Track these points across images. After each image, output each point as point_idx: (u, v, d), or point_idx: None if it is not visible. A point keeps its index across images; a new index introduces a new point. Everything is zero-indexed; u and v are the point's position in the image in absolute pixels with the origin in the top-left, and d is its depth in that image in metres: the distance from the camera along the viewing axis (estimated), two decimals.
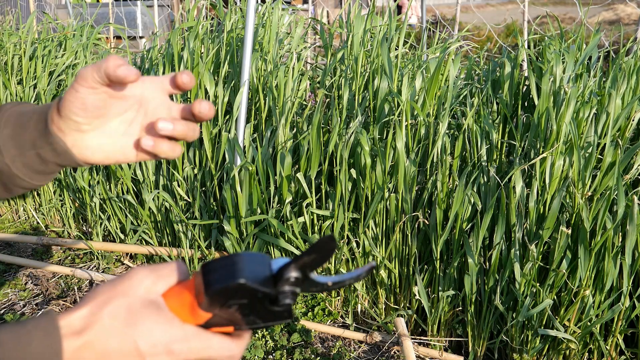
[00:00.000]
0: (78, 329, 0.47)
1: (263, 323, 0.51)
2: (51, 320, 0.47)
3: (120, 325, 0.48)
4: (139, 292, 0.50)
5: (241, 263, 0.50)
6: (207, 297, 0.49)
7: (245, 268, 0.50)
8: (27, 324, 0.46)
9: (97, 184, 2.34)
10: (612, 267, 1.53)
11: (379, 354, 1.85)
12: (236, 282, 0.48)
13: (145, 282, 0.51)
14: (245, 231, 1.96)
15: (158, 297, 0.51)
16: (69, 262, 2.45)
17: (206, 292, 0.49)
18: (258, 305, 0.50)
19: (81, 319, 0.48)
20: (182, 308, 0.51)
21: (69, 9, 4.00)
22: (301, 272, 0.50)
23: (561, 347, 1.66)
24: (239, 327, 0.52)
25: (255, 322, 0.51)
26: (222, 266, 0.50)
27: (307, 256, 0.49)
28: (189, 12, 2.31)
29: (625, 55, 1.88)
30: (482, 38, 3.80)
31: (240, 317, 0.51)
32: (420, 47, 2.54)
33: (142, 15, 5.79)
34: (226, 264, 0.50)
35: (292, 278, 0.50)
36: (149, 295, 0.51)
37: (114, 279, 0.52)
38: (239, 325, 0.52)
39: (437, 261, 1.74)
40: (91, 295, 0.50)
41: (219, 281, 0.49)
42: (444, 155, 1.73)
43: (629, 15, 11.68)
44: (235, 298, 0.49)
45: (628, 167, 1.65)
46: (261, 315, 0.51)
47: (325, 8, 4.15)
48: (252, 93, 2.14)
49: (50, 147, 0.58)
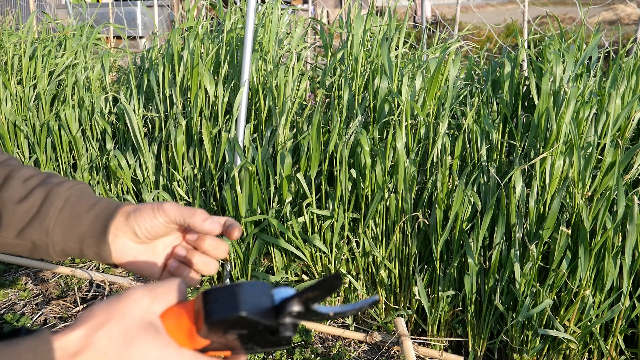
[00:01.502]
0: (73, 351, 0.46)
1: (261, 349, 0.51)
2: (45, 342, 0.45)
3: (116, 348, 0.47)
4: (136, 312, 0.49)
5: (243, 294, 0.50)
6: (206, 326, 0.49)
7: (247, 300, 0.49)
8: (20, 346, 0.44)
9: (97, 184, 2.34)
10: (612, 267, 1.53)
11: (379, 354, 1.85)
12: (237, 314, 0.48)
13: (142, 303, 0.50)
14: (245, 231, 1.96)
15: (156, 319, 0.50)
16: (69, 262, 2.45)
17: (206, 321, 0.49)
18: (257, 335, 0.50)
19: (76, 340, 0.47)
20: (180, 332, 0.51)
21: (69, 9, 4.00)
22: (304, 306, 0.50)
23: (561, 347, 1.66)
24: (237, 352, 0.52)
25: (253, 348, 0.51)
26: (223, 296, 0.50)
27: (312, 292, 0.49)
28: (189, 12, 2.31)
29: (625, 56, 1.88)
30: (482, 38, 3.80)
31: (239, 345, 0.51)
32: (420, 47, 2.54)
33: (142, 15, 5.79)
34: (228, 294, 0.50)
35: (295, 312, 0.50)
36: (146, 316, 0.50)
37: (111, 299, 0.51)
38: (237, 350, 0.52)
39: (437, 261, 1.74)
40: (87, 315, 0.49)
41: (220, 312, 0.49)
42: (444, 155, 1.73)
43: (629, 15, 11.68)
44: (235, 328, 0.49)
45: (628, 167, 1.65)
46: (260, 343, 0.51)
47: (325, 8, 4.15)
48: (252, 93, 2.14)
49: (96, 249, 0.60)
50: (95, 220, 0.60)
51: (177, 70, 2.15)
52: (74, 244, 0.60)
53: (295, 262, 1.99)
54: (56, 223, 0.60)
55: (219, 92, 2.09)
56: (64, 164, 2.51)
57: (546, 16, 2.44)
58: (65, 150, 2.48)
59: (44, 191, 0.61)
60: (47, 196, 0.61)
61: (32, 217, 0.60)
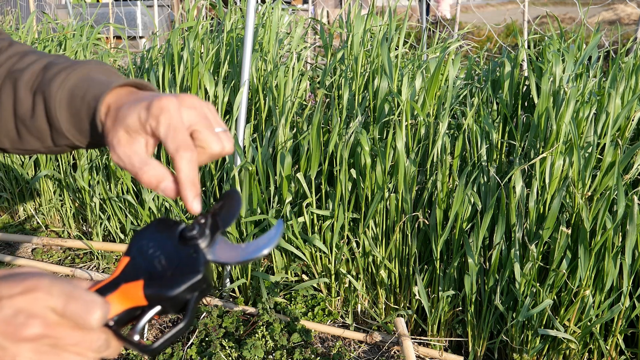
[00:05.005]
0: None
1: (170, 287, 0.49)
2: None
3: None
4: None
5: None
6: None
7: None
8: None
9: (97, 184, 2.34)
10: (612, 267, 1.53)
11: (379, 354, 1.85)
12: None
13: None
14: (245, 231, 1.96)
15: None
16: (69, 262, 2.45)
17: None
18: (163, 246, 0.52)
19: None
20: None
21: (69, 9, 3.99)
22: (212, 219, 0.53)
23: (561, 347, 1.66)
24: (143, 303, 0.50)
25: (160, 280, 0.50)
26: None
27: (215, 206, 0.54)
28: (189, 12, 2.31)
29: (625, 55, 1.88)
30: (482, 38, 3.80)
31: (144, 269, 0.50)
32: (420, 47, 2.54)
33: (142, 15, 5.79)
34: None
35: (196, 231, 0.52)
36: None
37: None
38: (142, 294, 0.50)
39: (437, 261, 1.74)
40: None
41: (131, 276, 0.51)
42: (444, 155, 1.73)
43: (629, 15, 11.68)
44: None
45: (628, 167, 1.65)
46: (166, 261, 0.51)
47: (325, 8, 4.15)
48: (252, 93, 2.14)
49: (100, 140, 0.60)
50: (88, 116, 0.59)
51: (177, 70, 2.15)
52: (89, 138, 0.61)
53: (295, 262, 1.98)
54: (67, 125, 0.61)
55: (219, 92, 2.08)
56: (64, 164, 2.51)
57: (546, 16, 2.44)
58: None
59: (41, 95, 0.61)
60: (44, 101, 0.61)
61: (50, 127, 0.62)
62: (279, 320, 1.83)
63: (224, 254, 0.52)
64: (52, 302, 0.45)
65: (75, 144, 0.63)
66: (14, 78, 0.64)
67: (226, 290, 2.09)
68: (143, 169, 0.53)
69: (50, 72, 0.62)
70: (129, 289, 0.49)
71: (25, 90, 0.63)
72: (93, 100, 0.58)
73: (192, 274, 0.49)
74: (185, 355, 1.75)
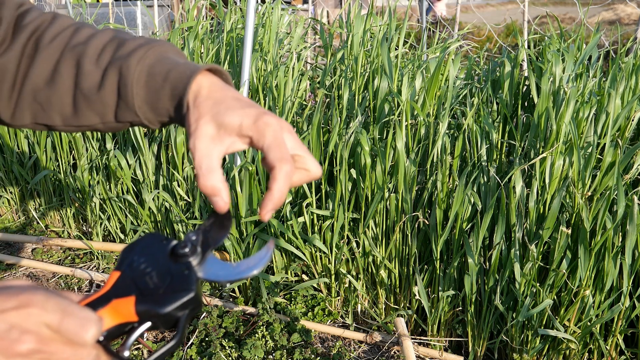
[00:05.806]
0: None
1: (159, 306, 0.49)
2: None
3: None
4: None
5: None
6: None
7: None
8: None
9: (97, 184, 2.34)
10: (612, 267, 1.53)
11: (379, 354, 1.85)
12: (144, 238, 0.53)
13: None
14: (245, 231, 1.96)
15: None
16: (69, 262, 2.45)
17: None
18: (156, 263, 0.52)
19: None
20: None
21: (69, 9, 3.99)
22: (202, 236, 0.54)
23: (561, 347, 1.66)
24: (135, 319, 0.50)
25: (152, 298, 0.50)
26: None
27: (206, 223, 0.55)
28: (189, 12, 2.31)
29: (625, 55, 1.88)
30: (482, 38, 3.80)
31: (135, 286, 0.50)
32: (420, 47, 2.54)
33: (142, 15, 5.79)
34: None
35: (189, 248, 0.52)
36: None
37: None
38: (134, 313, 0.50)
39: (437, 261, 1.74)
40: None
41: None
42: (444, 155, 1.73)
43: (629, 15, 11.69)
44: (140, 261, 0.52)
45: (628, 167, 1.65)
46: (158, 278, 0.51)
47: (325, 8, 4.15)
48: (252, 93, 2.14)
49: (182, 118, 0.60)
50: (172, 97, 0.59)
51: None
52: (163, 117, 0.61)
53: (295, 262, 1.99)
54: (140, 102, 0.61)
55: None
56: (64, 164, 2.51)
57: (546, 16, 2.44)
58: (65, 150, 2.48)
59: (116, 69, 0.61)
60: (120, 76, 0.61)
61: (118, 102, 0.61)
62: (279, 320, 1.83)
63: (215, 272, 0.52)
64: (46, 318, 0.45)
65: (141, 122, 0.62)
66: (77, 52, 0.63)
67: (226, 290, 2.09)
68: (207, 175, 0.54)
69: (125, 47, 0.62)
70: (120, 305, 0.49)
71: (91, 64, 0.62)
72: (179, 82, 0.58)
73: (185, 291, 0.50)
74: (185, 355, 1.75)
